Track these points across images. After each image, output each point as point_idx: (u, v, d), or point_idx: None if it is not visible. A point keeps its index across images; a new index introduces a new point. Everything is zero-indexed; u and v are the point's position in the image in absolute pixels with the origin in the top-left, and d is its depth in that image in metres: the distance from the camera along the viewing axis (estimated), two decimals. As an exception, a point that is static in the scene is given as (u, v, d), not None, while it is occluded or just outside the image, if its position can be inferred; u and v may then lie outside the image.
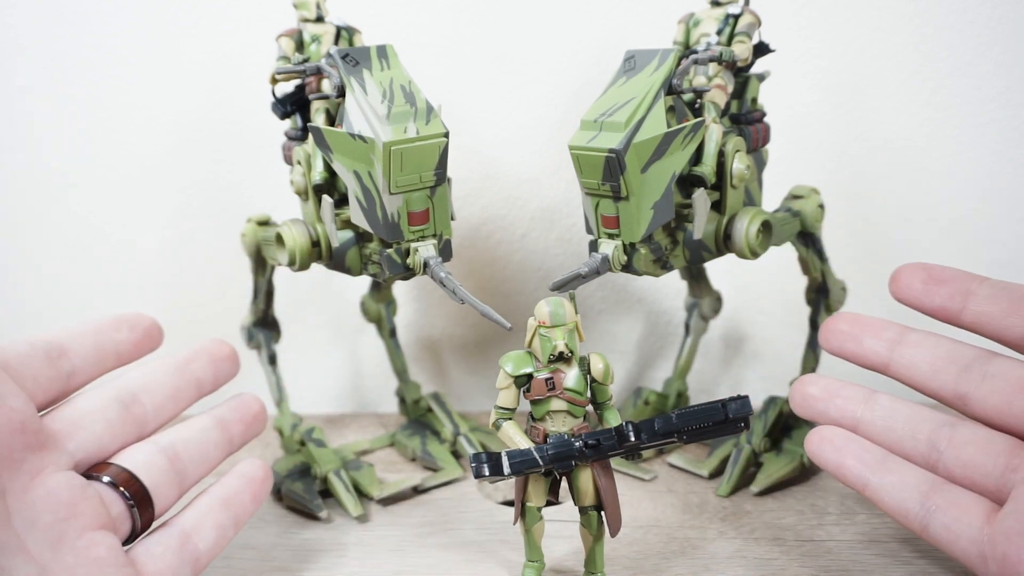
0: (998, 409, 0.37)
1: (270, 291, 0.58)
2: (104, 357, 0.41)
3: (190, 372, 0.43)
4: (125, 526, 0.37)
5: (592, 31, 0.63)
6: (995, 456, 0.36)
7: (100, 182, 0.67)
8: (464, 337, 0.69)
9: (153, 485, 0.38)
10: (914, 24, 0.61)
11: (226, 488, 0.42)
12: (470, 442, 0.58)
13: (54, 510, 0.34)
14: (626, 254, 0.45)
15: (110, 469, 0.38)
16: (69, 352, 0.39)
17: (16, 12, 0.64)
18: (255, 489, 0.43)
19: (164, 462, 0.39)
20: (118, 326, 0.42)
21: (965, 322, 0.39)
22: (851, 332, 0.42)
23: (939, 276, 0.40)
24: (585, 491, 0.41)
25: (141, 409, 0.40)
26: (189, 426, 0.42)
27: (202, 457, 0.42)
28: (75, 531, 0.34)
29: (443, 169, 0.44)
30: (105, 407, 0.39)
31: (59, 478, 0.35)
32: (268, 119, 0.53)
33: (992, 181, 0.63)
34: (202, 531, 0.39)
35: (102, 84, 0.65)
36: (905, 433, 0.40)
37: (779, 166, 0.57)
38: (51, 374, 0.38)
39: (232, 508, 0.41)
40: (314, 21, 0.52)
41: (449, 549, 0.48)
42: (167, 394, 0.42)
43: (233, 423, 0.44)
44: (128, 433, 0.40)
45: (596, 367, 0.41)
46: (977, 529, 0.35)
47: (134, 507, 0.37)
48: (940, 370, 0.39)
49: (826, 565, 0.45)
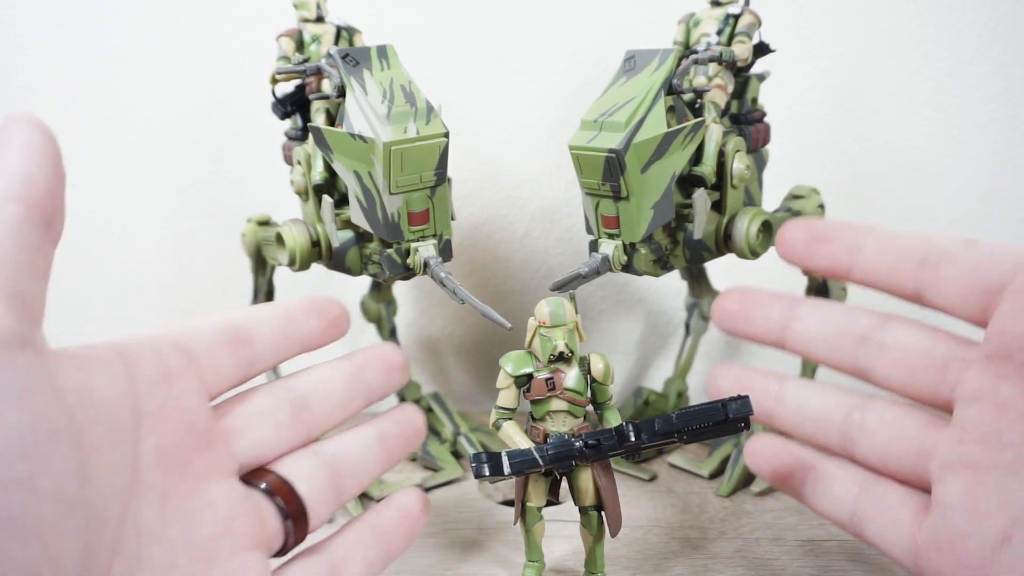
0: (901, 381, 0.35)
1: (270, 291, 0.58)
2: (289, 344, 0.37)
3: (363, 380, 0.39)
4: (277, 541, 0.34)
5: (592, 31, 0.63)
6: (907, 440, 0.35)
7: (100, 182, 0.67)
8: (464, 337, 0.69)
9: (311, 500, 0.35)
10: (914, 24, 0.61)
11: (381, 519, 0.38)
12: (470, 442, 0.58)
13: (211, 523, 0.31)
14: (626, 254, 0.45)
15: (269, 478, 0.34)
16: (254, 339, 0.36)
17: (16, 12, 0.64)
18: (411, 525, 0.38)
19: (325, 476, 0.36)
20: (307, 313, 0.38)
21: (856, 279, 0.37)
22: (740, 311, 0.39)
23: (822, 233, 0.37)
24: (585, 491, 0.41)
25: (311, 415, 0.37)
26: (352, 438, 0.38)
27: (362, 473, 0.38)
28: (228, 550, 0.31)
29: (443, 169, 0.44)
30: (276, 409, 0.36)
31: (222, 486, 0.32)
32: (268, 119, 0.53)
33: (992, 181, 0.63)
34: (350, 565, 0.36)
35: (102, 84, 0.65)
36: (817, 425, 0.38)
37: (779, 166, 0.57)
38: (233, 362, 0.34)
39: (384, 544, 0.37)
40: (314, 21, 0.52)
41: (449, 549, 0.48)
42: (338, 401, 0.38)
43: (394, 438, 0.40)
44: (295, 438, 0.36)
45: (596, 367, 0.41)
46: (907, 536, 0.34)
47: (288, 520, 0.34)
48: (835, 344, 0.37)
49: (826, 565, 0.45)
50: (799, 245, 0.38)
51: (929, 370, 0.34)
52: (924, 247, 0.35)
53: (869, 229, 0.37)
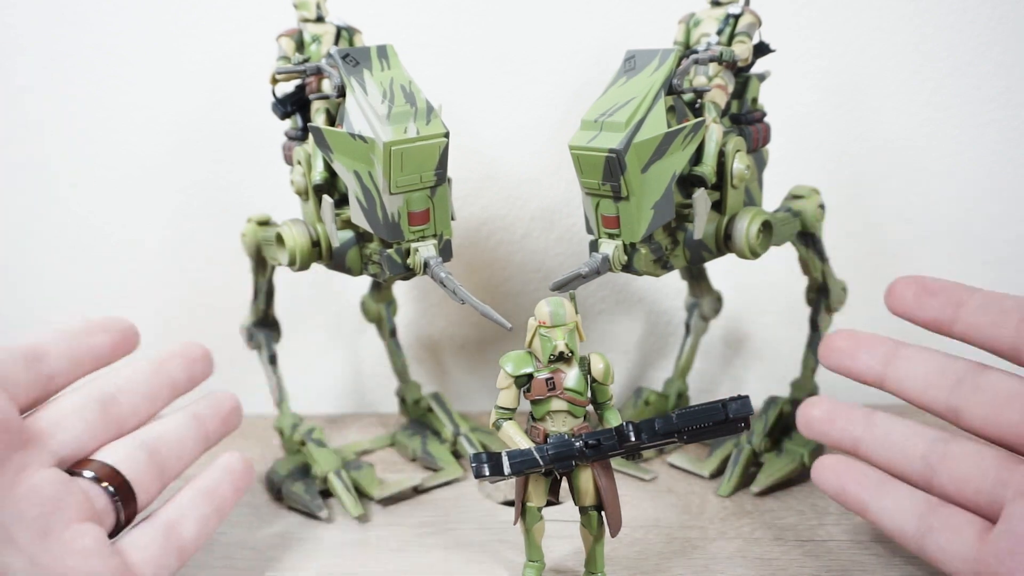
0: (988, 421, 0.38)
1: (270, 291, 0.58)
2: (82, 360, 0.42)
3: (165, 373, 0.45)
4: (110, 519, 0.39)
5: (592, 31, 0.63)
6: (986, 471, 0.37)
7: (100, 182, 0.67)
8: (464, 337, 0.69)
9: (135, 478, 0.40)
10: (914, 24, 0.61)
11: (207, 480, 0.44)
12: (470, 442, 0.58)
13: (40, 504, 0.35)
14: (626, 254, 0.45)
15: (92, 464, 0.39)
16: (47, 356, 0.40)
17: (16, 12, 0.64)
18: (235, 480, 0.44)
19: (144, 456, 0.41)
20: (92, 330, 0.43)
21: (957, 333, 0.40)
22: (847, 349, 0.44)
23: (931, 288, 0.41)
24: (585, 491, 0.41)
25: (119, 409, 0.42)
26: (166, 422, 0.44)
27: (180, 451, 0.43)
28: (61, 523, 0.36)
29: (443, 169, 0.44)
30: (84, 407, 0.41)
31: (43, 474, 0.36)
32: (268, 119, 0.53)
33: (992, 181, 0.63)
34: (185, 522, 0.41)
35: (102, 84, 0.65)
36: (901, 451, 0.41)
37: (779, 166, 0.57)
38: (30, 378, 0.39)
39: (214, 499, 0.43)
40: (314, 21, 0.52)
41: (449, 549, 0.48)
42: (144, 394, 0.43)
43: (209, 419, 0.45)
44: (108, 432, 0.41)
45: (596, 367, 0.41)
46: (970, 549, 0.36)
47: (118, 500, 0.39)
48: (933, 384, 0.40)
49: (826, 565, 0.45)
50: (909, 297, 0.42)
51: (1016, 411, 0.37)
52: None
53: (975, 288, 0.40)
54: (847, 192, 0.64)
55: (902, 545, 0.40)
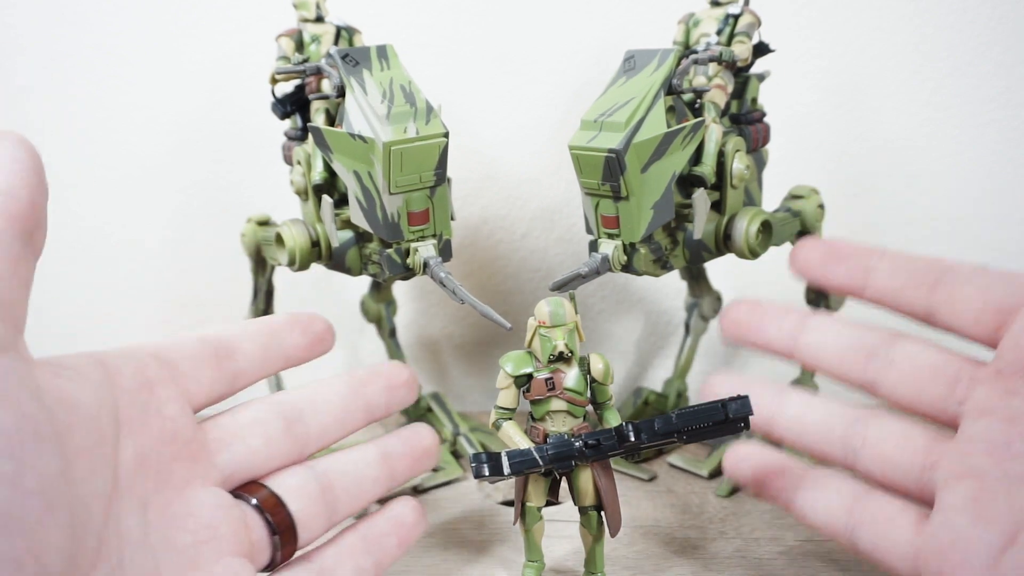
0: (908, 396, 0.36)
1: (270, 291, 0.58)
2: (272, 359, 0.38)
3: (363, 396, 0.39)
4: (264, 555, 0.34)
5: (592, 31, 0.63)
6: (912, 452, 0.35)
7: (100, 182, 0.67)
8: (464, 337, 0.69)
9: (301, 515, 0.35)
10: (914, 24, 0.61)
11: (373, 528, 0.38)
12: (470, 442, 0.58)
13: (194, 530, 0.31)
14: (626, 254, 0.45)
15: (260, 492, 0.34)
16: (238, 353, 0.36)
17: (16, 12, 0.64)
18: (404, 534, 0.39)
19: (317, 492, 0.36)
20: (291, 328, 0.39)
21: (869, 297, 0.37)
22: (751, 321, 0.40)
23: (837, 252, 0.38)
24: (585, 491, 0.41)
25: (304, 429, 0.37)
26: (350, 456, 0.38)
27: (358, 492, 0.38)
28: (212, 555, 0.31)
29: (443, 169, 0.44)
30: (267, 422, 0.36)
31: (205, 495, 0.32)
32: (268, 119, 0.53)
33: (992, 181, 0.63)
34: (340, 573, 0.36)
35: (102, 84, 0.65)
36: (819, 434, 0.37)
37: (779, 166, 0.57)
38: (216, 375, 0.35)
39: (375, 552, 0.37)
40: (314, 21, 0.52)
41: (449, 549, 0.48)
42: (335, 416, 0.38)
43: (399, 457, 0.39)
44: (287, 453, 0.36)
45: (596, 367, 0.41)
46: (906, 543, 0.34)
47: (276, 535, 0.34)
48: (846, 356, 0.37)
49: (826, 565, 0.45)
50: (814, 263, 0.39)
51: (937, 384, 0.35)
52: (938, 269, 0.36)
53: (884, 250, 0.38)
54: (847, 192, 0.64)
55: (833, 539, 0.37)
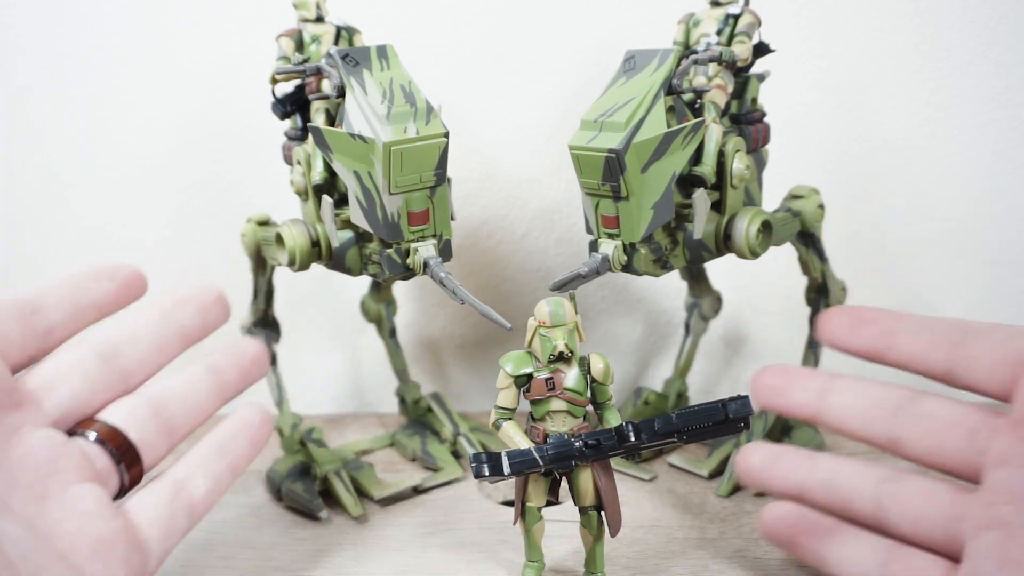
0: (931, 451, 0.37)
1: (270, 291, 0.58)
2: (83, 310, 0.39)
3: (175, 321, 0.41)
4: (113, 482, 0.36)
5: (592, 31, 0.63)
6: (939, 506, 0.36)
7: (100, 182, 0.67)
8: (464, 337, 0.69)
9: (140, 439, 0.37)
10: (914, 24, 0.61)
11: (221, 434, 0.40)
12: (470, 442, 0.58)
13: (35, 468, 0.34)
14: (626, 254, 0.45)
15: (94, 425, 0.36)
16: (44, 308, 0.37)
17: (16, 12, 0.64)
18: (252, 434, 0.41)
19: (150, 415, 0.38)
20: (97, 276, 0.40)
21: (891, 361, 0.39)
22: (779, 386, 0.41)
23: (862, 318, 0.40)
24: (585, 491, 0.41)
25: (123, 362, 0.39)
26: (177, 377, 0.40)
27: (193, 408, 0.40)
28: (59, 486, 0.34)
29: (443, 169, 0.44)
30: (84, 361, 0.38)
31: (38, 435, 0.34)
32: (268, 119, 0.53)
33: (992, 181, 0.63)
34: (196, 479, 0.38)
35: (102, 84, 0.65)
36: (849, 493, 0.39)
37: (779, 166, 0.57)
38: (25, 331, 0.36)
39: (228, 455, 0.40)
40: (314, 21, 0.52)
41: (449, 549, 0.48)
42: (151, 345, 0.40)
43: (227, 369, 0.41)
44: (111, 387, 0.38)
45: (596, 367, 0.41)
46: None
47: (121, 463, 0.36)
48: (870, 416, 0.39)
49: (826, 565, 0.45)
50: (841, 331, 0.40)
51: (959, 437, 0.36)
52: (957, 329, 0.37)
53: (905, 314, 0.39)
54: (847, 192, 0.64)
55: None
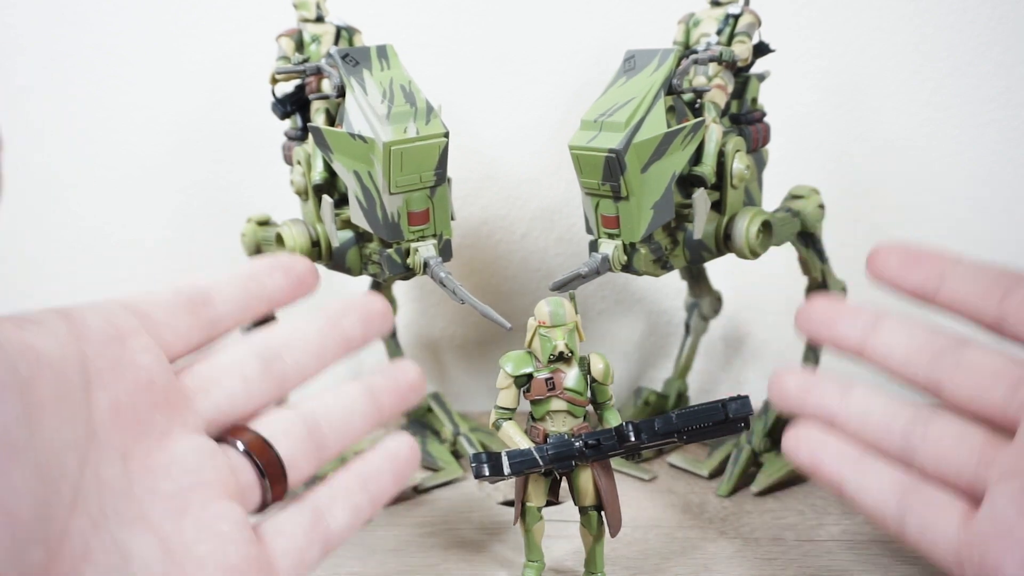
0: (971, 397, 0.36)
1: (270, 291, 0.58)
2: (252, 303, 0.37)
3: (339, 328, 0.39)
4: (255, 497, 0.34)
5: (592, 31, 0.63)
6: (969, 450, 0.35)
7: (100, 182, 0.67)
8: (464, 337, 0.69)
9: (289, 456, 0.35)
10: (914, 24, 0.61)
11: (367, 465, 0.38)
12: (470, 442, 0.58)
13: (178, 477, 0.31)
14: (626, 254, 0.45)
15: (245, 435, 0.34)
16: (215, 299, 0.36)
17: (16, 12, 0.64)
18: (398, 468, 0.39)
19: (303, 432, 0.36)
20: (271, 271, 0.38)
21: (940, 302, 0.38)
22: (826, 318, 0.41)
23: (915, 256, 0.39)
24: (585, 491, 0.41)
25: (283, 366, 0.37)
26: (335, 394, 0.38)
27: (346, 429, 0.38)
28: (200, 501, 0.31)
29: (443, 169, 0.44)
30: (244, 363, 0.36)
31: (187, 442, 0.32)
32: (268, 119, 0.53)
33: (992, 181, 0.63)
34: (336, 510, 0.36)
35: (102, 84, 0.65)
36: (880, 426, 0.38)
37: (779, 166, 0.57)
38: (192, 323, 0.35)
39: (370, 488, 0.37)
40: (314, 21, 0.52)
41: (449, 549, 0.48)
42: (312, 351, 0.38)
43: (384, 392, 0.39)
44: (267, 392, 0.36)
45: (596, 367, 0.41)
46: (953, 532, 0.35)
47: (265, 478, 0.34)
48: (914, 356, 0.38)
49: (826, 565, 0.45)
50: (892, 266, 0.39)
51: (1001, 388, 0.35)
52: (1011, 278, 0.36)
53: (959, 257, 0.38)
54: (847, 192, 0.64)
55: (880, 526, 0.38)
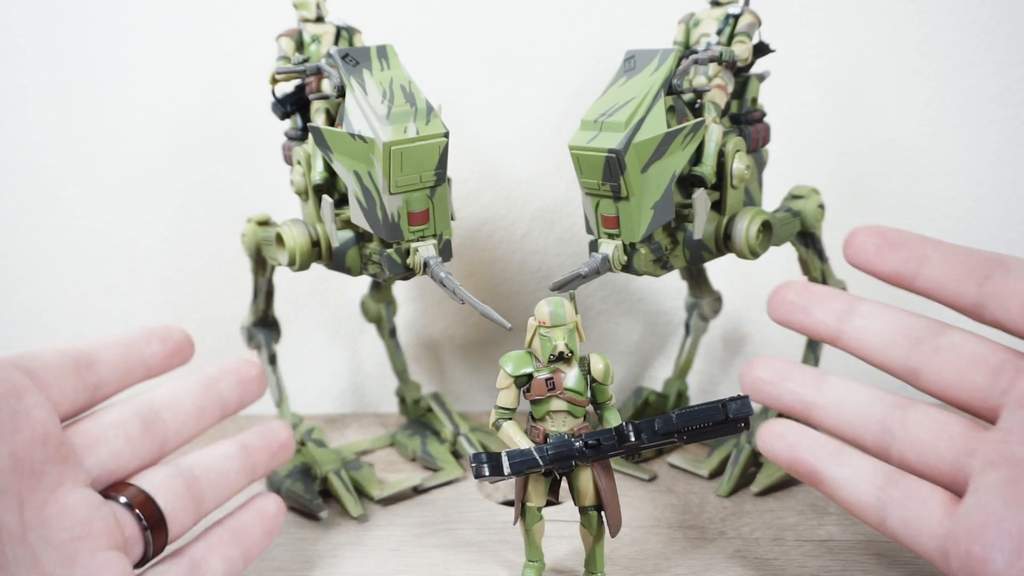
0: (950, 384, 0.35)
1: (270, 291, 0.58)
2: (133, 369, 0.40)
3: (216, 391, 0.42)
4: (137, 549, 0.37)
5: (592, 31, 0.63)
6: (949, 439, 0.35)
7: (100, 182, 0.67)
8: (464, 337, 0.69)
9: (169, 509, 0.38)
10: (914, 24, 0.61)
11: (239, 521, 0.41)
12: (470, 442, 0.58)
13: (69, 527, 0.34)
14: (626, 254, 0.45)
15: (128, 490, 0.37)
16: (97, 363, 0.38)
17: (16, 12, 0.64)
18: (267, 525, 0.42)
19: (182, 487, 0.39)
20: (149, 339, 0.41)
21: (918, 287, 0.37)
22: (800, 302, 0.40)
23: (893, 240, 0.38)
24: (585, 491, 0.41)
25: (163, 427, 0.39)
26: (212, 451, 0.41)
27: (222, 484, 0.41)
28: (88, 551, 0.34)
29: (443, 169, 0.44)
30: (127, 423, 0.38)
31: (76, 495, 0.35)
32: (268, 119, 0.53)
33: (992, 181, 0.63)
34: (211, 562, 0.39)
35: (102, 84, 0.65)
36: (857, 415, 0.38)
37: (779, 166, 0.57)
38: (78, 385, 0.37)
39: (243, 542, 0.41)
40: (314, 21, 0.52)
41: (449, 549, 0.48)
42: (190, 412, 0.41)
43: (257, 451, 0.43)
44: (148, 450, 0.39)
45: (596, 367, 0.41)
46: (936, 523, 0.34)
47: (148, 531, 0.37)
48: (891, 342, 0.37)
49: (826, 565, 0.45)
50: (869, 249, 0.38)
51: (980, 374, 0.35)
52: (991, 262, 0.36)
53: (938, 241, 0.38)
54: (847, 192, 0.64)
55: (861, 519, 0.37)
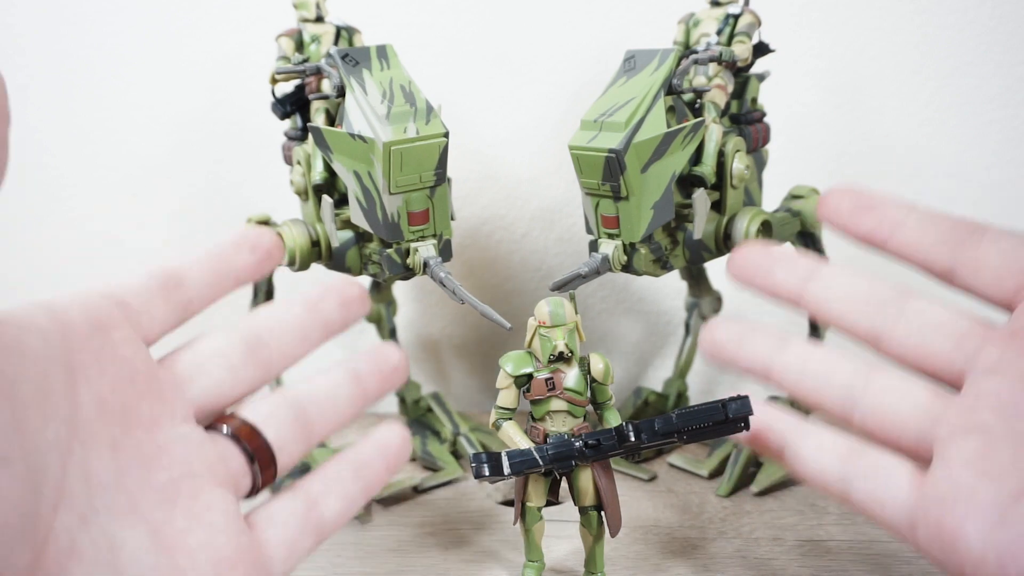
0: (914, 349, 0.35)
1: (270, 291, 0.58)
2: (222, 281, 0.37)
3: (319, 313, 0.39)
4: (244, 483, 0.34)
5: (592, 31, 0.63)
6: (914, 404, 0.34)
7: (100, 182, 0.67)
8: (464, 337, 0.69)
9: (277, 441, 0.35)
10: (914, 24, 0.61)
11: (359, 454, 0.38)
12: (470, 442, 0.58)
13: (168, 467, 0.31)
14: (626, 254, 0.45)
15: (232, 421, 0.34)
16: (186, 281, 0.36)
17: (16, 12, 0.64)
18: (390, 458, 0.39)
19: (290, 416, 0.36)
20: (239, 248, 0.38)
21: (891, 250, 0.37)
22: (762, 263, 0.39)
23: (868, 202, 0.38)
24: (585, 491, 0.41)
25: (267, 352, 0.37)
26: (320, 379, 0.39)
27: (332, 413, 0.38)
28: (190, 491, 0.31)
29: (443, 169, 0.44)
30: (228, 350, 0.36)
31: (174, 432, 0.32)
32: (268, 119, 0.53)
33: (992, 181, 0.63)
34: (329, 499, 0.36)
35: (102, 84, 0.65)
36: (819, 379, 0.37)
37: (779, 166, 0.57)
38: (167, 307, 0.35)
39: (363, 477, 0.38)
40: (314, 21, 0.52)
41: (448, 549, 0.48)
42: (294, 336, 0.38)
43: (368, 376, 0.39)
44: (253, 378, 0.36)
45: (596, 367, 0.41)
46: (904, 494, 0.33)
47: (255, 464, 0.34)
48: (855, 306, 0.37)
49: (826, 565, 0.45)
50: (843, 210, 0.38)
51: (945, 340, 0.34)
52: (965, 228, 0.35)
53: (913, 205, 0.37)
54: (847, 192, 0.63)
55: (824, 492, 0.36)
